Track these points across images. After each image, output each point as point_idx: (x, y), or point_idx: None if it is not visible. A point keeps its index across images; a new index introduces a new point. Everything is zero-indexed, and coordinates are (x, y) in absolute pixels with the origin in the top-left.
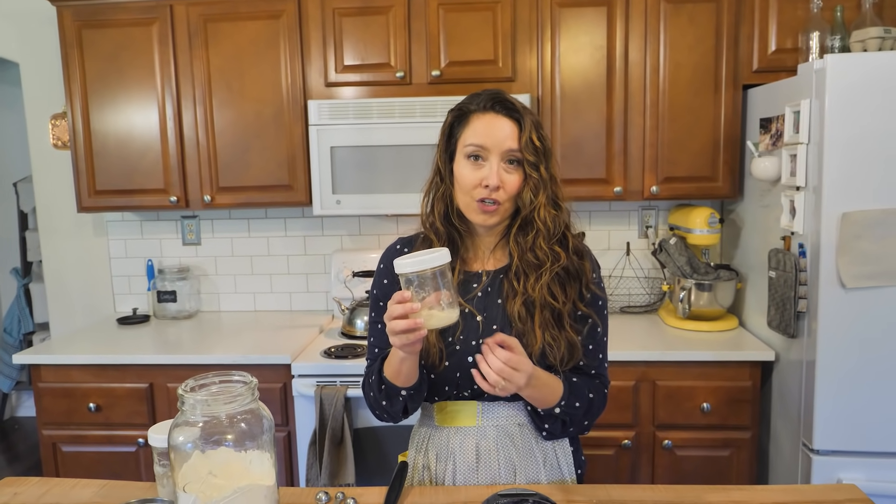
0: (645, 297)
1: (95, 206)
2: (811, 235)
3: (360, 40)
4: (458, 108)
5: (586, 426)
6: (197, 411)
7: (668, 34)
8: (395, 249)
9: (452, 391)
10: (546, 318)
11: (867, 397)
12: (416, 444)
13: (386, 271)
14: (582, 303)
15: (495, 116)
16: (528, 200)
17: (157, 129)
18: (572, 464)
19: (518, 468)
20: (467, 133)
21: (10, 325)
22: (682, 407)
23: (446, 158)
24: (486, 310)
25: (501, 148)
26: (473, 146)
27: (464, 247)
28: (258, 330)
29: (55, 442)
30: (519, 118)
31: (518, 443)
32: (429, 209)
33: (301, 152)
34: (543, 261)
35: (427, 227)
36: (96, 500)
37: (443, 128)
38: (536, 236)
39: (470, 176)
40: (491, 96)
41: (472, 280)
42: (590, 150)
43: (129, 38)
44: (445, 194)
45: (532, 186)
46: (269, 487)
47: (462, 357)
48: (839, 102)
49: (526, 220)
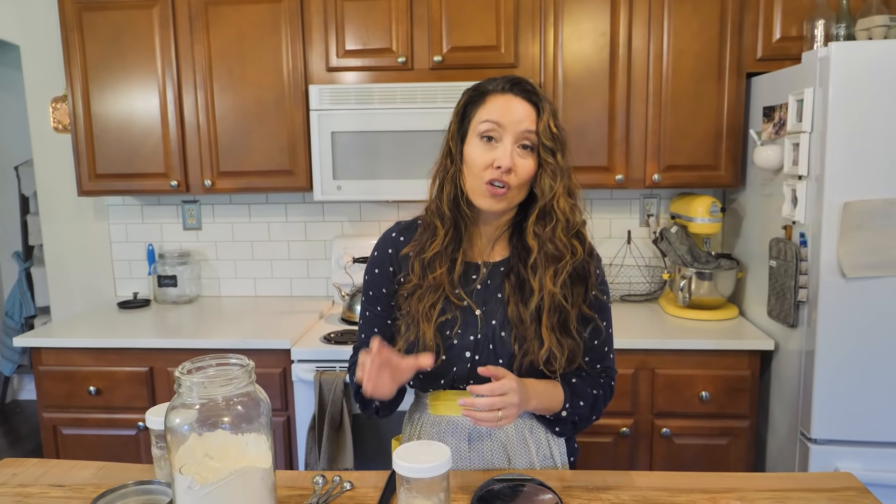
0: (645, 285)
1: (96, 190)
2: (812, 225)
3: (362, 25)
4: (474, 88)
5: (594, 419)
6: (194, 394)
7: (672, 21)
8: (391, 237)
9: (448, 384)
10: (553, 322)
11: (866, 387)
12: (410, 429)
13: (378, 259)
14: (586, 304)
15: (513, 98)
16: (546, 188)
17: (158, 113)
18: (565, 452)
19: (511, 455)
20: (482, 111)
21: (12, 308)
22: (680, 395)
23: (458, 139)
24: (486, 303)
25: (518, 128)
26: (489, 122)
27: (466, 235)
28: (258, 315)
29: (55, 425)
30: (538, 102)
31: (511, 430)
32: (437, 192)
33: (302, 137)
34: (563, 253)
35: (432, 212)
36: (94, 481)
37: (456, 108)
38: (556, 227)
39: (481, 156)
40: (509, 79)
41: (471, 271)
42: (592, 138)
43: (129, 21)
44: (455, 176)
45: (550, 173)
46: (265, 470)
47: (459, 352)
48: (843, 91)
49: (544, 210)
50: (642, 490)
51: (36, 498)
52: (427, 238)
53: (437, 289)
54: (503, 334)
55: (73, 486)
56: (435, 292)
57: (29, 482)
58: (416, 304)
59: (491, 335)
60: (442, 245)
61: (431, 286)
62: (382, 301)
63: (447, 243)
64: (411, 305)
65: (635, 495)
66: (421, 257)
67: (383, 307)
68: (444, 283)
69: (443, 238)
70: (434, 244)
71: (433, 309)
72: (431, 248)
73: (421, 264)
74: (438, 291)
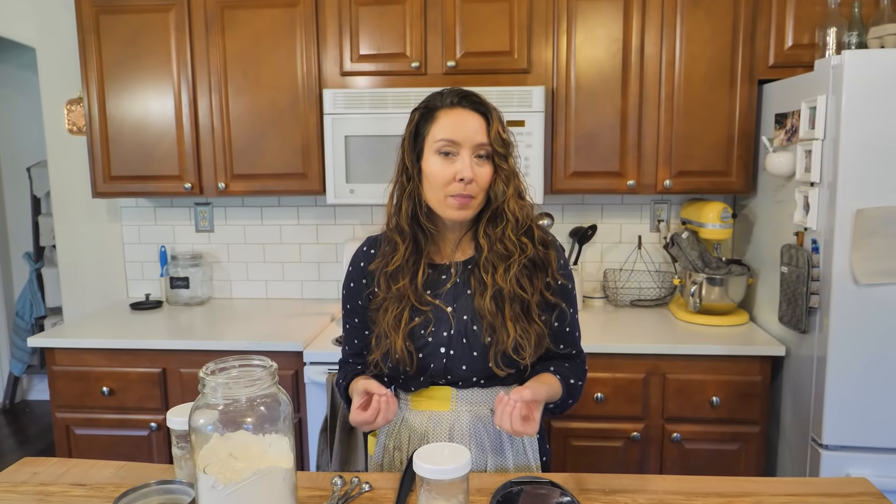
0: (655, 290)
1: (110, 192)
2: (825, 231)
3: (376, 29)
4: (423, 107)
5: (571, 404)
6: (218, 394)
7: (685, 28)
8: (362, 251)
9: (427, 381)
10: (516, 311)
11: (878, 393)
12: (389, 425)
13: (353, 274)
14: (549, 291)
15: (463, 111)
16: (500, 191)
17: (173, 116)
18: (537, 450)
19: (489, 453)
20: (436, 129)
21: (23, 309)
22: (691, 400)
23: (413, 157)
24: (456, 300)
25: (473, 142)
26: (444, 141)
27: (432, 241)
28: (270, 317)
29: (68, 425)
30: (486, 112)
31: (489, 427)
32: (395, 210)
33: (315, 141)
34: (512, 251)
35: (391, 228)
36: (115, 480)
37: (408, 126)
38: (506, 227)
39: (442, 171)
40: (456, 92)
41: (441, 272)
42: (604, 143)
43: (146, 24)
44: (413, 193)
45: (504, 178)
46: (287, 470)
47: (434, 348)
48: (856, 99)
49: (496, 213)
50: (658, 493)
51: (58, 497)
52: (389, 253)
53: (401, 299)
54: (475, 328)
55: (93, 485)
56: (399, 302)
57: (50, 481)
58: (383, 316)
59: (463, 329)
60: (403, 258)
61: (395, 297)
62: (359, 313)
63: (408, 256)
64: (380, 318)
65: (651, 499)
66: (384, 271)
67: (360, 319)
68: (408, 292)
69: (403, 252)
70: (395, 258)
71: (400, 319)
72: (393, 263)
73: (385, 278)
74: (403, 301)
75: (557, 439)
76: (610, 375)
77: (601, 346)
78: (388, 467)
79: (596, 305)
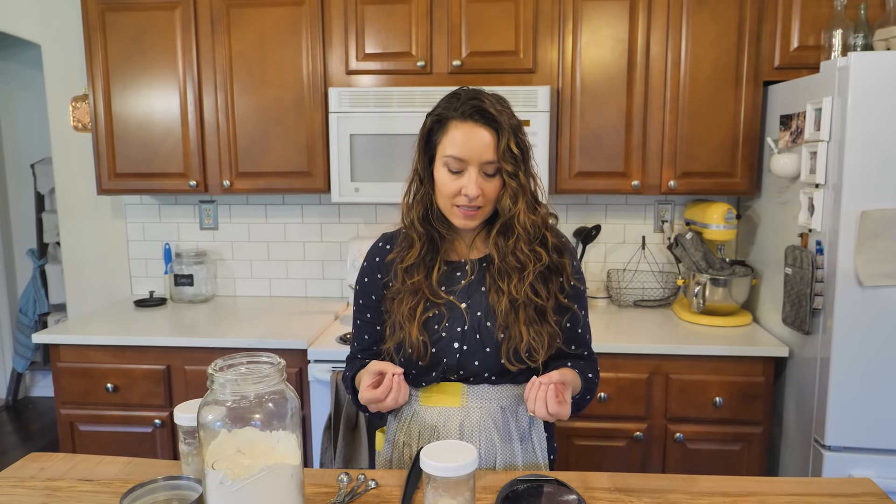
0: (659, 290)
1: (115, 189)
2: (829, 233)
3: (382, 29)
4: (436, 115)
5: (589, 399)
6: (226, 390)
7: (690, 29)
8: (377, 247)
9: (439, 376)
10: (530, 314)
11: (881, 394)
12: (399, 420)
13: (367, 269)
14: (563, 294)
15: (474, 127)
16: (507, 207)
17: (178, 114)
18: (546, 449)
19: (498, 449)
20: (445, 143)
21: (26, 305)
22: (694, 401)
23: (426, 161)
24: (470, 297)
25: (480, 160)
26: (452, 158)
27: (447, 240)
28: (274, 315)
29: (72, 421)
30: (497, 127)
31: (500, 424)
32: (408, 208)
33: (321, 139)
34: (525, 263)
35: (407, 225)
36: (122, 476)
37: (421, 131)
38: (517, 241)
39: (449, 185)
40: (471, 104)
41: (456, 269)
42: (609, 144)
43: (151, 22)
44: (425, 197)
45: (511, 194)
46: (294, 467)
47: (448, 343)
48: (861, 100)
49: (506, 225)
50: (663, 492)
51: (66, 492)
52: (406, 248)
53: (416, 292)
54: (488, 324)
55: (101, 480)
56: (415, 295)
57: (57, 476)
58: (398, 307)
59: (477, 326)
60: (418, 256)
61: (410, 290)
62: (372, 308)
63: (423, 254)
64: (395, 308)
65: (657, 497)
66: (400, 266)
67: (373, 314)
68: (422, 287)
69: (419, 250)
70: (411, 254)
71: (415, 311)
72: (409, 258)
73: (401, 271)
74: (418, 295)
75: (560, 439)
76: (613, 375)
77: (605, 346)
78: (397, 463)
79: (599, 305)
